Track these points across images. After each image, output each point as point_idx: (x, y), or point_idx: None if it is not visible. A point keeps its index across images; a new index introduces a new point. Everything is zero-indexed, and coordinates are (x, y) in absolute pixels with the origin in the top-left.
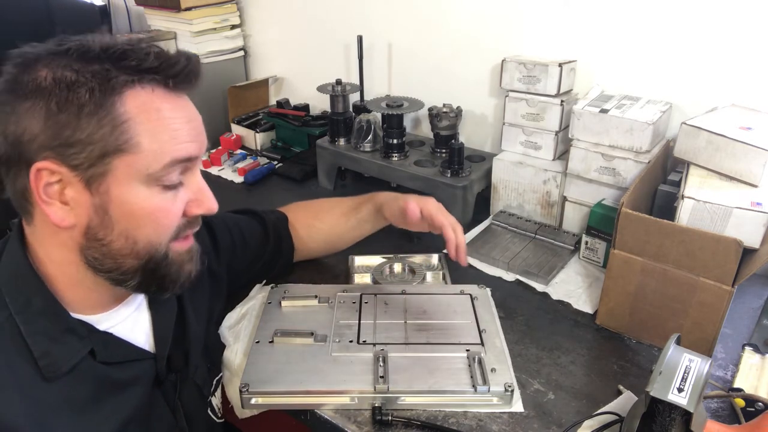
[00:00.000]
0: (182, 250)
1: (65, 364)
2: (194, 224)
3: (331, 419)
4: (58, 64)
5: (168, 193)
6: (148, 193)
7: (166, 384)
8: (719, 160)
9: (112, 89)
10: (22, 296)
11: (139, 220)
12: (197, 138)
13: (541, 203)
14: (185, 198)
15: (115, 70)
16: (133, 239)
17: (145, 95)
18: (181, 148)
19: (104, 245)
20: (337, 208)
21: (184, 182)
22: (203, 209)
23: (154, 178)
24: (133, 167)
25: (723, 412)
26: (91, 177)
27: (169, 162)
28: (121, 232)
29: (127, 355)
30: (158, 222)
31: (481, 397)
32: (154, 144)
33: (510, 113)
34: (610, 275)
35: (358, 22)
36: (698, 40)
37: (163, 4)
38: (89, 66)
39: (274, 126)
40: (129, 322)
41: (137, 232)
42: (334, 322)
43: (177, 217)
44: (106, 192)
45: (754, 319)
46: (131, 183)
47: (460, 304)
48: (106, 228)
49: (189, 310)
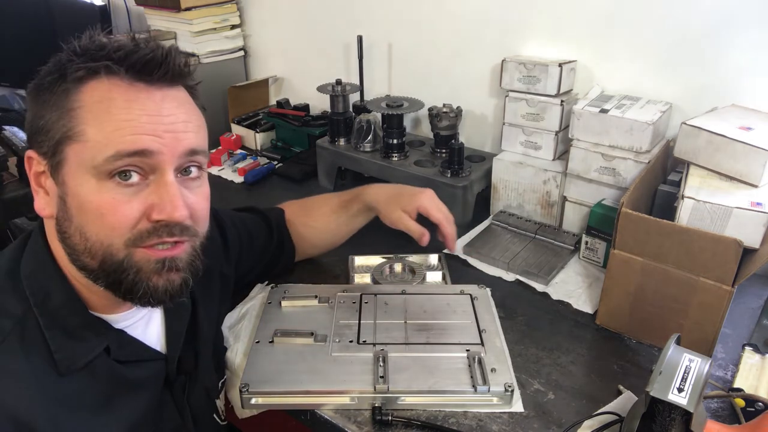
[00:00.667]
0: (149, 258)
1: (81, 360)
2: (161, 233)
3: (331, 419)
4: (58, 60)
5: (122, 190)
6: (98, 186)
7: (175, 385)
8: (719, 160)
9: (76, 79)
10: (42, 290)
11: (88, 214)
12: (157, 133)
13: (541, 203)
14: (148, 201)
15: (80, 60)
16: (85, 235)
17: (104, 86)
18: (128, 140)
19: (67, 239)
20: (326, 205)
21: (151, 183)
22: (163, 215)
23: (103, 171)
24: (80, 156)
25: (723, 412)
26: (54, 166)
27: (114, 154)
28: (77, 226)
29: (140, 354)
30: (104, 218)
31: (481, 397)
32: (99, 134)
33: (510, 113)
34: (610, 275)
35: (358, 22)
36: (698, 40)
37: (163, 4)
38: (62, 58)
39: (274, 126)
40: (143, 323)
41: (87, 227)
42: (334, 322)
43: (128, 217)
44: (63, 182)
45: (754, 319)
46: (82, 174)
47: (460, 304)
48: (66, 220)
49: (201, 313)
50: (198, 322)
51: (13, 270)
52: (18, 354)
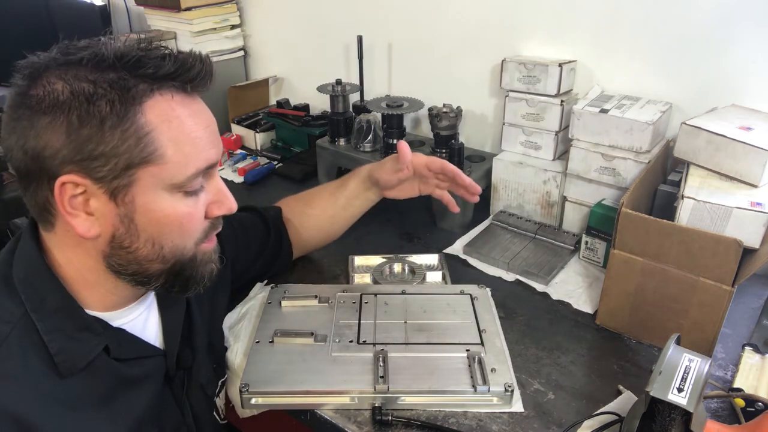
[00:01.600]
0: (208, 250)
1: (81, 361)
2: (218, 225)
3: (331, 419)
4: (73, 75)
5: (190, 199)
6: (172, 200)
7: (174, 381)
8: (719, 160)
9: (132, 99)
10: (37, 295)
11: (165, 227)
12: (216, 143)
13: (541, 203)
14: (206, 200)
15: (133, 79)
16: (160, 245)
17: (164, 103)
18: (203, 157)
19: (130, 252)
20: (325, 190)
21: (205, 186)
22: (224, 210)
23: (177, 187)
24: (158, 177)
25: (723, 412)
26: (116, 188)
27: (195, 172)
28: (147, 239)
29: (140, 351)
30: (183, 227)
31: (481, 397)
32: (179, 155)
33: (510, 113)
34: (610, 275)
35: (358, 22)
36: (698, 40)
37: (163, 4)
38: (105, 76)
39: (274, 126)
40: (141, 320)
41: (163, 238)
42: (334, 322)
43: (200, 220)
44: (131, 202)
45: (754, 319)
46: (156, 192)
47: (460, 304)
48: (132, 236)
49: (195, 309)
50: (192, 318)
51: (6, 275)
52: (17, 358)
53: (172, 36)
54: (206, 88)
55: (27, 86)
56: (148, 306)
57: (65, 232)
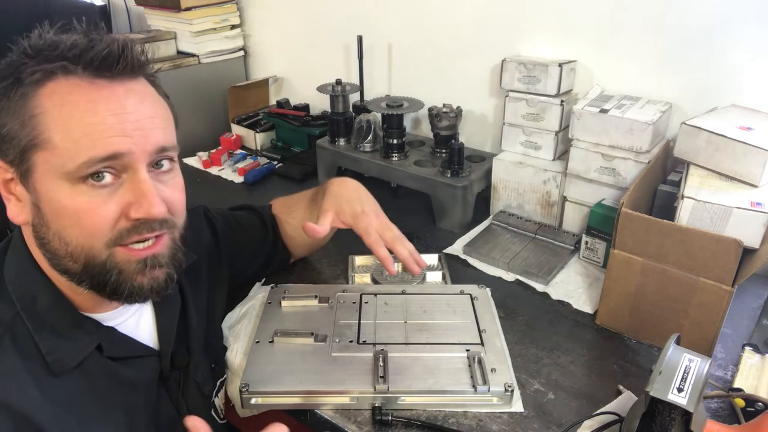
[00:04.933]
0: (130, 258)
1: (73, 360)
2: (141, 230)
3: (331, 419)
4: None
5: (97, 192)
6: (72, 191)
7: (170, 381)
8: (719, 160)
9: (29, 82)
10: (28, 294)
11: (66, 219)
12: (126, 132)
13: (541, 203)
14: (124, 199)
15: (34, 62)
16: (65, 240)
17: (63, 87)
18: (100, 144)
19: (46, 244)
20: (303, 200)
21: (125, 181)
22: (142, 212)
23: (75, 176)
24: (50, 163)
25: (723, 412)
26: (23, 173)
27: (86, 161)
28: (55, 232)
29: (133, 351)
30: (82, 222)
31: (481, 397)
32: (67, 140)
33: (510, 113)
34: (610, 275)
35: (358, 22)
36: (698, 40)
37: (163, 4)
38: (14, 59)
39: (274, 126)
40: (134, 320)
41: (67, 232)
42: (334, 322)
43: (106, 219)
44: (35, 189)
45: (754, 319)
46: (54, 180)
47: (460, 304)
48: (43, 226)
49: (191, 309)
50: (188, 318)
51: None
52: (11, 357)
53: (172, 36)
54: (126, 72)
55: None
56: (141, 306)
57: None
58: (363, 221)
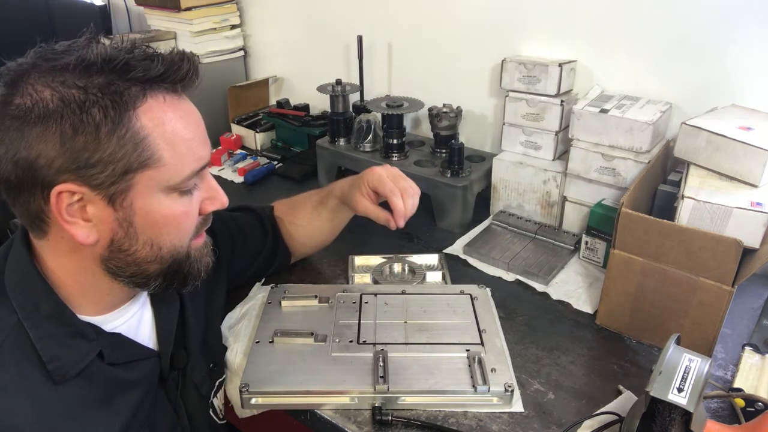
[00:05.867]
0: (200, 245)
1: (74, 368)
2: (208, 221)
3: (331, 419)
4: (60, 82)
5: (185, 198)
6: (169, 201)
7: (169, 382)
8: (719, 160)
9: (125, 105)
10: (30, 302)
11: (163, 227)
12: (206, 142)
13: (541, 203)
14: (199, 198)
15: (123, 83)
16: (159, 246)
17: (156, 106)
18: (198, 158)
19: (129, 255)
20: (308, 202)
21: (198, 183)
22: (217, 205)
23: (176, 188)
24: (156, 180)
25: (723, 412)
26: (114, 193)
27: (190, 173)
28: (146, 241)
29: (134, 354)
30: (180, 226)
31: (481, 397)
32: (175, 157)
33: (510, 113)
34: (610, 275)
35: (358, 22)
36: (698, 40)
37: (163, 4)
38: (94, 81)
39: (274, 126)
40: (135, 320)
41: (161, 238)
42: (334, 322)
43: (195, 218)
44: (129, 206)
45: (754, 319)
46: (154, 194)
47: (460, 304)
48: (131, 239)
49: (189, 309)
50: (186, 319)
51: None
52: (10, 367)
53: (172, 36)
54: (194, 87)
55: (10, 94)
56: (142, 305)
57: (59, 239)
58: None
